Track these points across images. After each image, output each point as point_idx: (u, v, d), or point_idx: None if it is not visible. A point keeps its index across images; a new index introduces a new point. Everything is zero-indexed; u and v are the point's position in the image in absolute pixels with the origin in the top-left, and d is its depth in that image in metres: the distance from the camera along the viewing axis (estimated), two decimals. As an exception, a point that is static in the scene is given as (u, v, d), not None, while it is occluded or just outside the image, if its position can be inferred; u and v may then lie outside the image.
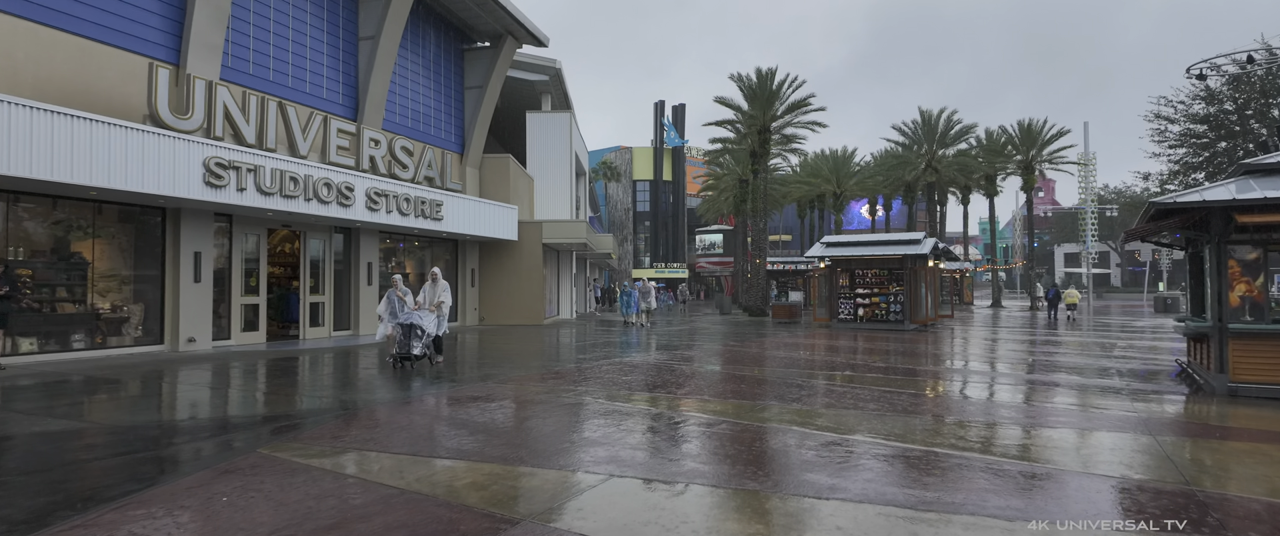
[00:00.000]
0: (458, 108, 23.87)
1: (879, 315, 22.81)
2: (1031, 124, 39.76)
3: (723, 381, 10.49)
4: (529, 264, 24.33)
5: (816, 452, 6.04)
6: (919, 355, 14.45)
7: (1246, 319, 9.12)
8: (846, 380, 10.63)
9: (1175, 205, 9.15)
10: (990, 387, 10.35)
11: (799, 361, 13.11)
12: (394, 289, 12.10)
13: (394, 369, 11.55)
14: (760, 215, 30.91)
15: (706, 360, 13.39)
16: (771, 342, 17.35)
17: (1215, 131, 19.57)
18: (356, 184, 17.56)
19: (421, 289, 12.67)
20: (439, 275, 12.51)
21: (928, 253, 22.41)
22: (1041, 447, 6.31)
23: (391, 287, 12.18)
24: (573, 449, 6.20)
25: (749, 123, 30.47)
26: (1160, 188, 21.81)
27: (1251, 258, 9.15)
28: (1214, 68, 16.66)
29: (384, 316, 11.96)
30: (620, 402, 8.56)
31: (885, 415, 7.72)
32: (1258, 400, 8.82)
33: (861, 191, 45.16)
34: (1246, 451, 6.18)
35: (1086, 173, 42.69)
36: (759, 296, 30.54)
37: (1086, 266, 54.11)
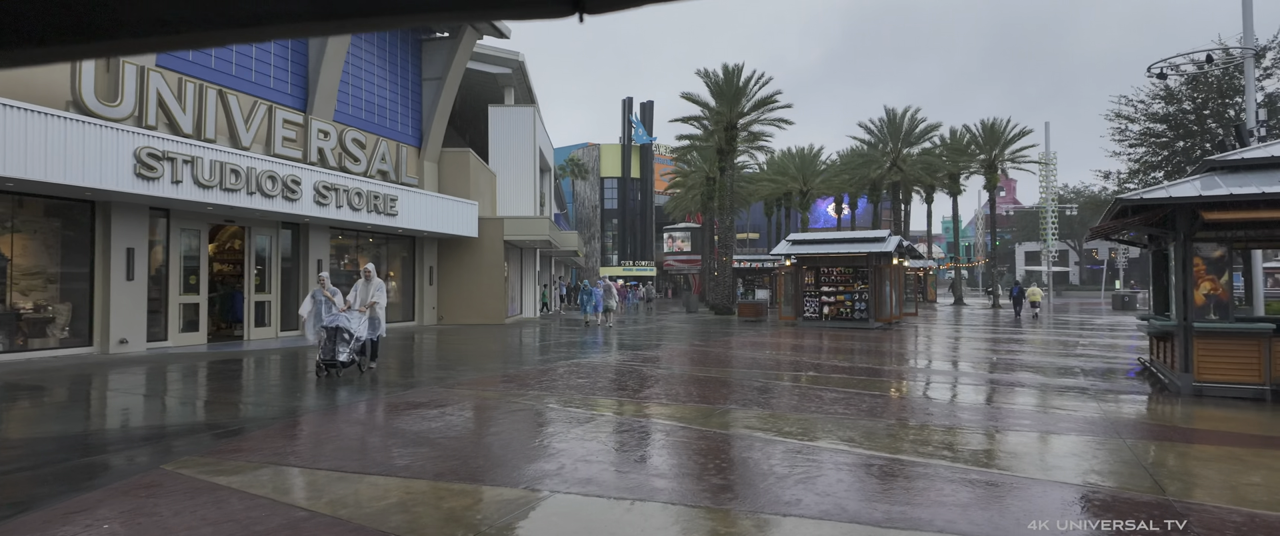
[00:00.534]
0: (415, 100, 23.11)
1: (844, 313, 22.66)
2: (995, 123, 40.17)
3: (683, 384, 10.07)
4: (490, 261, 23.68)
5: (779, 462, 5.64)
6: (884, 354, 14.22)
7: (1211, 317, 8.98)
8: (811, 381, 10.29)
9: (1142, 202, 8.98)
10: (957, 389, 10.10)
11: (763, 362, 12.76)
12: (319, 287, 10.92)
13: (317, 377, 10.36)
14: (727, 213, 30.63)
15: (668, 361, 12.97)
16: (737, 341, 17.02)
17: (1174, 131, 19.77)
18: (304, 177, 16.78)
19: (352, 287, 11.49)
20: (372, 272, 11.33)
21: (892, 251, 22.30)
22: (1010, 454, 6.00)
23: (317, 286, 11.03)
24: (516, 461, 5.72)
25: (716, 119, 30.16)
26: (1120, 186, 22.03)
27: (1216, 256, 9.01)
28: (1173, 68, 16.75)
29: (307, 319, 10.74)
30: (574, 408, 8.09)
31: (850, 420, 7.37)
32: (1223, 399, 8.68)
33: (828, 190, 45.23)
34: (1219, 456, 5.94)
35: (1047, 172, 43.31)
36: (725, 294, 30.28)
37: (1046, 264, 55.06)
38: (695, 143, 33.28)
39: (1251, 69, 15.72)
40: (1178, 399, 8.81)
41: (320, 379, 10.24)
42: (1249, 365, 8.76)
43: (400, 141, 21.91)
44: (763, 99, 29.10)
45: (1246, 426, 7.15)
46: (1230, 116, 18.91)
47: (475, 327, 21.74)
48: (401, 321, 22.70)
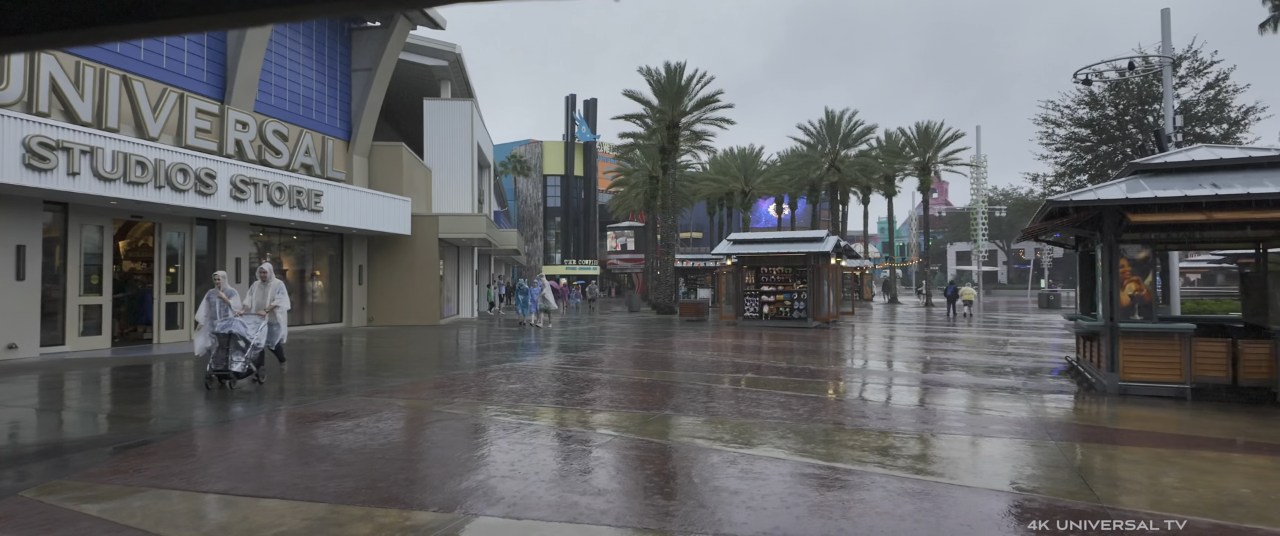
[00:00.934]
0: (344, 91, 22.11)
1: (783, 312, 22.75)
2: (928, 127, 41.20)
3: (622, 388, 9.73)
4: (424, 260, 22.86)
5: (719, 474, 5.35)
6: (822, 354, 14.20)
7: (1136, 318, 9.15)
8: (751, 384, 10.10)
9: (1071, 203, 9.07)
10: (893, 390, 10.05)
11: (703, 364, 12.54)
12: (215, 288, 9.92)
13: (207, 389, 9.24)
14: (670, 212, 30.47)
15: (607, 363, 12.61)
16: (678, 342, 16.79)
17: (1098, 135, 20.50)
18: (220, 170, 15.76)
19: (250, 288, 10.44)
20: (271, 273, 10.34)
21: (830, 250, 22.49)
22: (947, 461, 5.86)
23: (212, 287, 10.06)
24: (436, 478, 5.27)
25: (658, 118, 29.95)
26: (1047, 189, 22.76)
27: (1141, 257, 9.19)
28: (1098, 74, 17.29)
29: (202, 323, 9.80)
30: (504, 417, 7.65)
31: (790, 425, 7.16)
32: (1147, 398, 8.85)
33: (769, 190, 45.65)
34: (1149, 458, 5.93)
35: (978, 174, 44.65)
36: (668, 294, 30.10)
37: (976, 264, 56.96)
38: (638, 141, 33.02)
39: (1169, 77, 16.34)
40: (1104, 398, 8.94)
41: (212, 391, 9.16)
42: (1171, 364, 8.95)
43: (327, 134, 20.91)
44: (705, 98, 29.04)
45: (1171, 426, 7.24)
46: (1149, 122, 19.68)
47: (408, 329, 20.94)
48: (328, 323, 21.70)
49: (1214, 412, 7.98)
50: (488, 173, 33.90)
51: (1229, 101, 19.23)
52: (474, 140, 27.18)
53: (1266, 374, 8.58)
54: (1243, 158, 9.08)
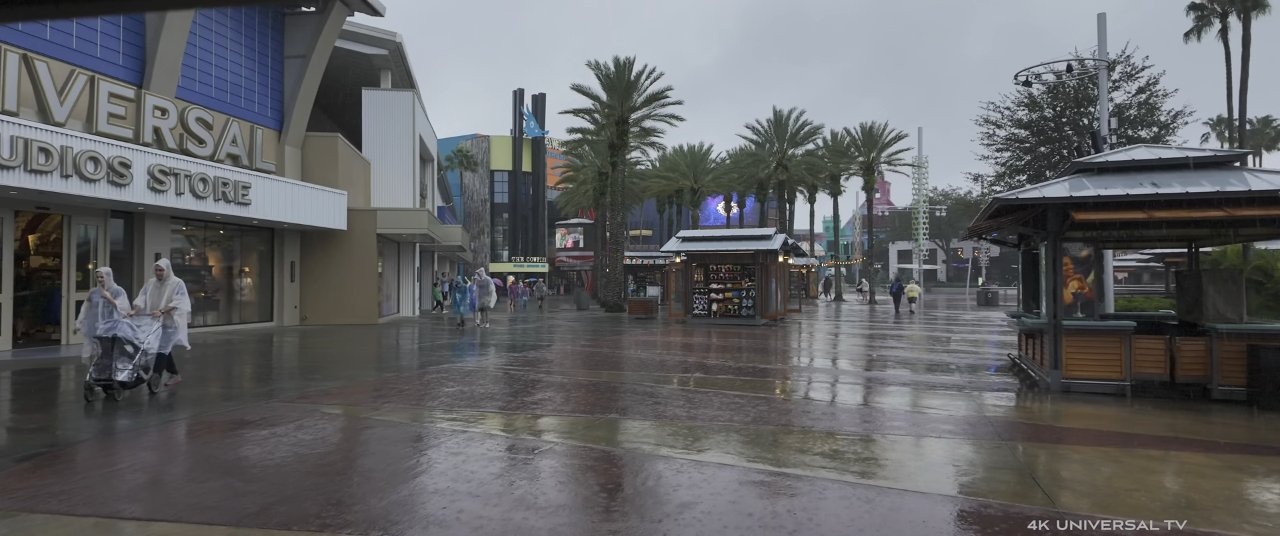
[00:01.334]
0: (276, 79, 21.03)
1: (732, 310, 22.66)
2: (873, 127, 41.88)
3: (564, 390, 9.32)
4: (361, 256, 21.96)
5: (661, 483, 5.01)
6: (770, 352, 14.06)
7: (1078, 315, 9.21)
8: (699, 384, 9.81)
9: (1017, 201, 9.06)
10: (841, 390, 9.90)
11: (651, 363, 12.22)
12: (99, 287, 8.85)
13: (86, 401, 8.06)
14: (618, 209, 30.11)
15: (550, 364, 12.18)
16: (626, 341, 16.44)
17: (1036, 136, 20.99)
18: (136, 159, 14.71)
19: (143, 288, 9.24)
20: (168, 270, 9.21)
21: (778, 248, 22.49)
22: (897, 465, 5.66)
23: (96, 285, 8.98)
24: (355, 495, 4.78)
25: (607, 113, 29.54)
26: (988, 189, 23.26)
27: (1083, 255, 9.25)
28: (1036, 77, 17.64)
29: (83, 328, 8.83)
30: (436, 424, 7.17)
31: (739, 429, 6.88)
32: (1089, 395, 8.90)
33: (718, 188, 45.73)
34: (1101, 458, 5.84)
35: (920, 174, 45.67)
36: (616, 292, 29.75)
37: (917, 262, 58.32)
38: (587, 136, 32.55)
39: (1104, 80, 16.76)
40: (1048, 396, 8.96)
41: (94, 404, 7.98)
42: (1112, 362, 9.02)
43: (257, 124, 19.84)
44: (654, 94, 28.77)
45: (1117, 423, 7.23)
46: (1085, 124, 20.23)
47: (343, 328, 20.05)
48: (258, 322, 20.63)
49: (1154, 409, 8.04)
50: (431, 166, 32.94)
51: (1159, 105, 19.93)
52: (415, 132, 26.29)
53: (1202, 370, 8.72)
54: (1180, 157, 9.22)
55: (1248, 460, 5.85)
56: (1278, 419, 7.54)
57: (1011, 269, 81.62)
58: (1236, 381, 8.53)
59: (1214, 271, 9.48)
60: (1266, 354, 8.03)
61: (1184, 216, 8.28)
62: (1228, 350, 8.59)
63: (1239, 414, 7.81)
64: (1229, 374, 8.58)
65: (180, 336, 9.07)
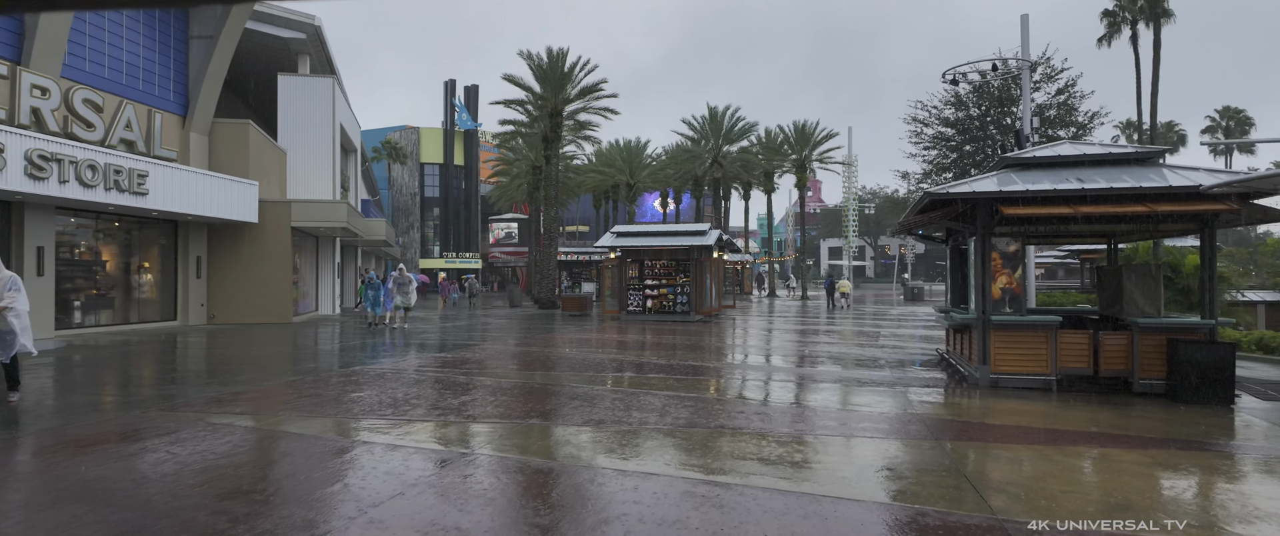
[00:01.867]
0: (179, 60, 19.54)
1: (667, 306, 22.38)
2: (805, 125, 42.40)
3: (483, 393, 8.74)
4: (274, 251, 20.67)
5: (580, 495, 4.55)
6: (704, 349, 13.78)
7: (1006, 311, 9.20)
8: (633, 384, 9.39)
9: (948, 195, 8.98)
10: (774, 389, 9.64)
11: (579, 363, 11.73)
12: None
13: None
14: (552, 203, 29.42)
15: (473, 365, 11.54)
16: (557, 339, 15.90)
17: (962, 135, 21.46)
18: (10, 143, 13.29)
19: None
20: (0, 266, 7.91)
21: (712, 244, 22.33)
22: (834, 470, 5.36)
23: None
24: (231, 521, 4.13)
25: (540, 105, 28.79)
26: (915, 186, 23.69)
27: (1011, 250, 9.25)
28: (962, 75, 17.95)
29: None
30: (334, 437, 6.51)
31: (669, 433, 6.48)
32: (1017, 390, 8.90)
33: (654, 184, 45.52)
34: (1035, 457, 5.69)
35: (850, 173, 46.56)
36: (550, 288, 29.09)
37: (847, 259, 59.62)
38: (520, 129, 31.72)
39: (1027, 80, 17.16)
40: (977, 391, 8.92)
41: None
42: (1038, 357, 9.05)
43: (156, 107, 18.35)
44: (589, 86, 28.20)
45: (1047, 420, 7.17)
46: (1008, 123, 20.77)
47: (254, 328, 18.80)
48: (160, 322, 19.15)
49: (1080, 404, 8.06)
50: (354, 158, 31.50)
51: (1077, 106, 20.65)
52: (335, 121, 25.00)
53: (1124, 364, 8.83)
54: (1104, 153, 9.33)
55: (1175, 456, 5.81)
56: (1195, 412, 7.64)
57: (936, 266, 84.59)
58: (1156, 375, 8.66)
59: (1133, 267, 9.65)
60: (1185, 348, 8.15)
61: (1109, 211, 8.34)
62: (1148, 344, 8.72)
63: (1159, 407, 7.89)
64: (1149, 367, 8.70)
65: (22, 342, 7.80)
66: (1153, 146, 9.45)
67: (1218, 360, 8.05)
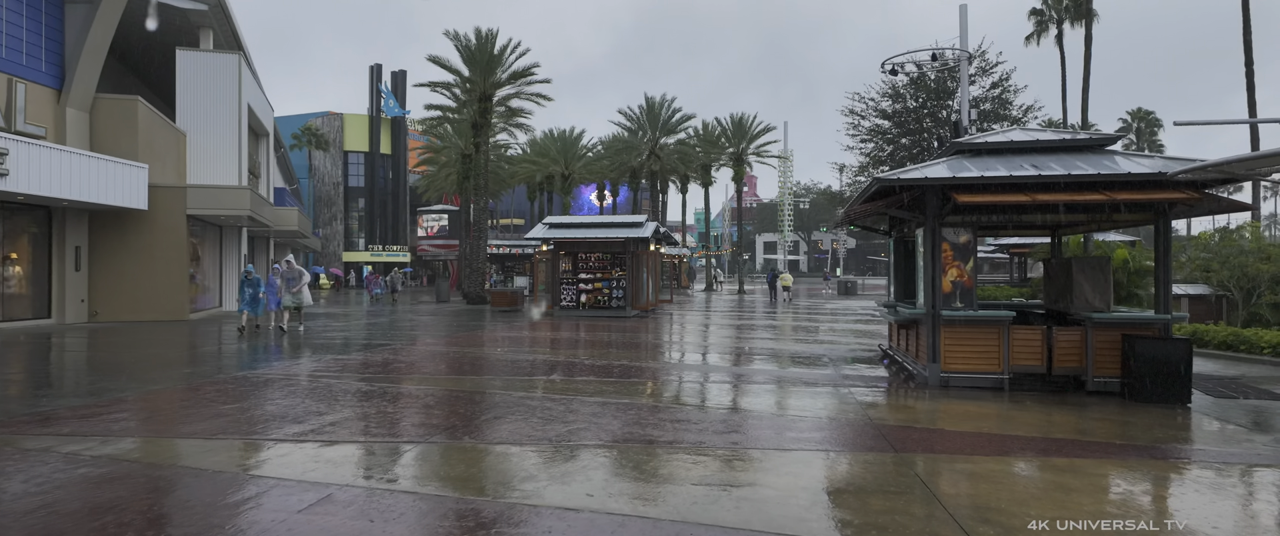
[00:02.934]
0: (52, 26, 17.41)
1: (602, 301, 21.45)
2: (743, 118, 42.09)
3: (385, 403, 7.63)
4: (167, 241, 18.75)
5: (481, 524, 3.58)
6: (640, 347, 12.92)
7: (957, 305, 8.65)
8: (561, 390, 8.42)
9: (898, 181, 8.35)
10: (714, 392, 8.84)
11: (504, 366, 10.69)
12: None
13: None
14: (482, 193, 28.03)
15: (382, 370, 10.35)
16: (483, 337, 14.76)
17: (899, 128, 21.28)
18: None
19: None
20: None
21: (650, 236, 21.53)
22: (775, 495, 4.55)
23: None
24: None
25: (469, 89, 27.32)
26: (852, 179, 23.48)
27: (963, 241, 8.70)
28: (901, 66, 17.63)
29: None
30: (180, 461, 5.33)
31: (593, 451, 5.56)
32: (969, 390, 8.37)
33: (590, 175, 44.42)
34: (1004, 474, 5.02)
35: (786, 166, 46.59)
36: (479, 283, 27.73)
37: (783, 253, 60.04)
38: (447, 114, 30.14)
39: (965, 70, 16.93)
40: (927, 392, 8.34)
41: None
42: (990, 354, 8.54)
43: (20, 77, 16.25)
44: (520, 71, 26.90)
45: (1008, 424, 6.58)
46: (944, 116, 20.66)
47: (142, 326, 16.93)
48: (32, 319, 17.06)
49: (1036, 406, 7.55)
50: (266, 142, 29.33)
51: (1011, 100, 20.73)
52: (242, 102, 23.02)
53: (1078, 362, 8.39)
54: (1057, 140, 8.88)
55: (1159, 467, 5.25)
56: (1154, 413, 7.22)
57: (867, 260, 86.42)
58: (1111, 372, 8.25)
59: (1084, 260, 9.26)
60: (1141, 344, 7.74)
61: (1066, 200, 7.85)
62: (1102, 340, 8.30)
63: (1116, 408, 7.45)
64: (1103, 365, 8.29)
65: None
66: (1106, 134, 9.06)
67: (1174, 357, 7.67)
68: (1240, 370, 10.52)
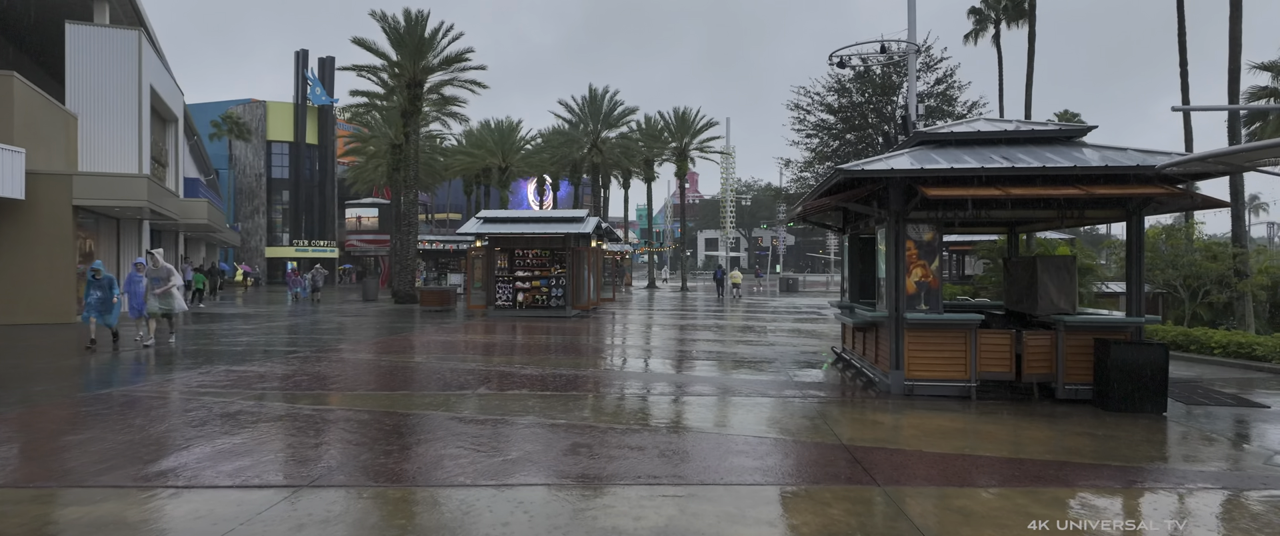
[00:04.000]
0: (-93, -12, 15.23)
1: (540, 300, 20.34)
2: (686, 112, 41.47)
3: (255, 434, 6.48)
4: (50, 235, 16.74)
5: None
6: (581, 352, 11.97)
7: (922, 308, 8.01)
8: (489, 406, 7.39)
9: (863, 173, 7.64)
10: (661, 404, 7.97)
11: (420, 377, 9.58)
12: None
13: None
14: (411, 185, 26.46)
15: (272, 383, 9.10)
16: (406, 342, 13.54)
17: (844, 123, 20.88)
18: None
19: None
20: None
21: (591, 232, 20.55)
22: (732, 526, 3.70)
23: None
24: None
25: (397, 75, 25.70)
26: (797, 175, 23.01)
27: (928, 238, 8.06)
28: (848, 59, 17.14)
29: None
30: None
31: (516, 502, 4.60)
32: (934, 398, 7.75)
33: (529, 169, 43.06)
34: (1009, 510, 4.29)
35: (728, 162, 46.23)
36: (409, 280, 26.21)
37: (724, 250, 59.88)
38: (375, 101, 28.41)
39: (913, 62, 16.54)
40: (890, 402, 7.68)
41: None
42: (956, 361, 7.93)
43: None
44: (453, 56, 25.45)
45: (979, 442, 5.92)
46: (889, 111, 20.35)
47: (17, 330, 15.00)
48: (-119, 324, 14.90)
49: (1012, 417, 6.96)
50: (174, 128, 27.03)
51: (956, 97, 20.56)
52: (143, 82, 20.97)
53: (1047, 368, 7.86)
54: (1026, 131, 8.35)
55: (1167, 495, 4.63)
56: (1131, 424, 6.71)
57: (806, 257, 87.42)
58: (1082, 379, 7.75)
59: (1049, 258, 8.77)
60: (1116, 349, 7.23)
61: (1042, 194, 7.29)
62: (1073, 345, 7.79)
63: (1091, 419, 6.92)
64: (1074, 371, 7.78)
65: None
66: (1078, 124, 8.58)
67: (1149, 363, 7.18)
68: (1195, 371, 10.30)
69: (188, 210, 23.19)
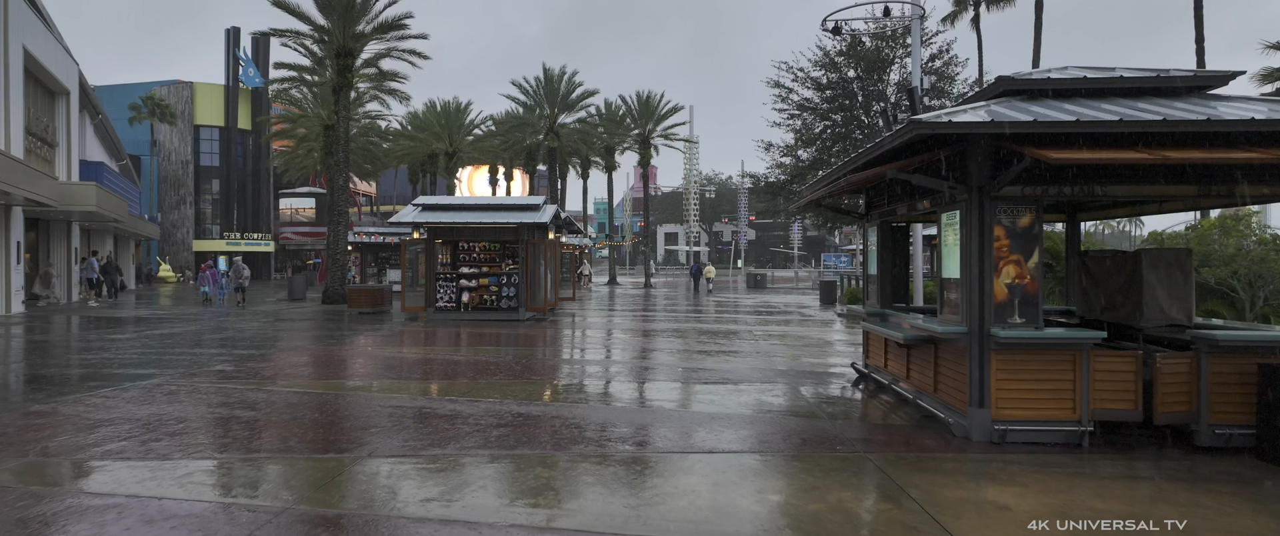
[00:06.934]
0: None
1: (489, 301, 17.67)
2: (649, 97, 39.06)
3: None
4: None
5: None
6: (537, 371, 9.46)
7: (1017, 320, 5.73)
8: (394, 475, 4.84)
9: (951, 126, 5.32)
10: (643, 458, 5.52)
11: (330, 417, 6.96)
12: None
13: None
14: (342, 170, 23.39)
15: (116, 427, 6.38)
16: (321, 358, 10.82)
17: (830, 102, 18.76)
18: None
19: None
20: None
21: (548, 222, 17.97)
22: None
23: None
24: None
25: (326, 42, 22.58)
26: (778, 161, 20.79)
27: (1025, 224, 5.78)
28: (845, 23, 14.94)
29: None
30: None
31: None
32: (1033, 447, 5.51)
33: (480, 155, 40.02)
34: None
35: (692, 152, 44.04)
36: (339, 277, 23.20)
37: (686, 244, 57.76)
38: (303, 75, 25.21)
39: (917, 30, 14.43)
40: (972, 454, 5.42)
41: None
42: (1061, 394, 5.69)
43: None
44: (389, 22, 22.41)
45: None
46: (880, 89, 18.32)
47: None
48: None
49: (1169, 483, 4.72)
50: (65, 102, 23.41)
51: (954, 74, 18.65)
52: (11, 46, 17.57)
53: (1188, 404, 5.67)
54: (1138, 78, 6.17)
55: None
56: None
57: (769, 252, 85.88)
58: (1236, 418, 5.58)
59: (1156, 253, 6.60)
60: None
61: (1198, 158, 5.07)
62: (1222, 371, 5.61)
63: (1267, 480, 4.73)
64: (1222, 408, 5.61)
65: None
66: (1214, 71, 6.43)
67: (1348, 400, 5.04)
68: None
69: (69, 195, 19.72)
